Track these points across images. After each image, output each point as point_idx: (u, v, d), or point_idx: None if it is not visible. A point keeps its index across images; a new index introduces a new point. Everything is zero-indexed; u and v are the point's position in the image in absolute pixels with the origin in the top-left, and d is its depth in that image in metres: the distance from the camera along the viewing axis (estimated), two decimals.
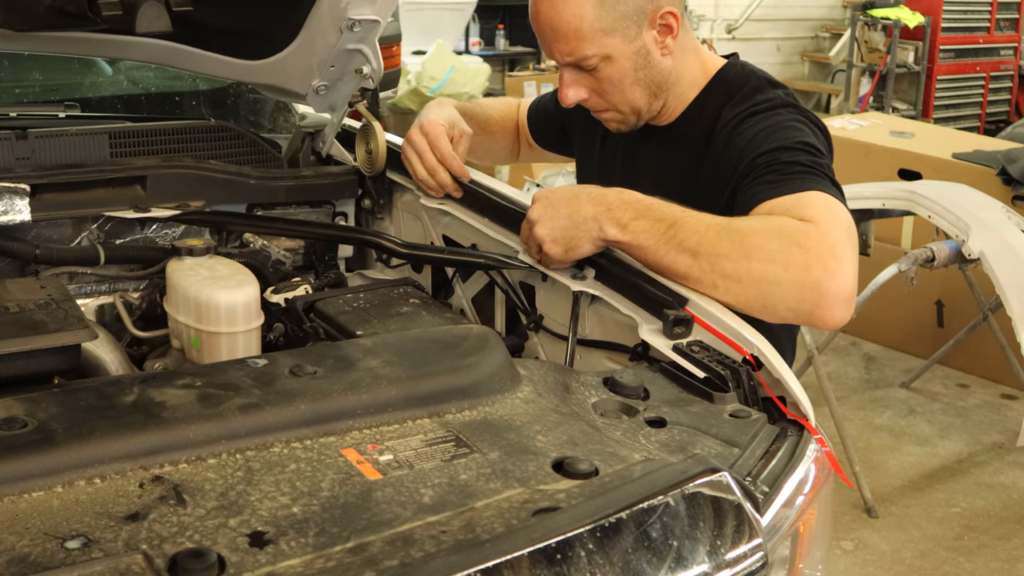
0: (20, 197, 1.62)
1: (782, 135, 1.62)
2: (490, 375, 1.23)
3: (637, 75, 1.70)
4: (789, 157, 1.56)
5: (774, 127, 1.64)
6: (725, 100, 1.74)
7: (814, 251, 1.37)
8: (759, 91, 1.73)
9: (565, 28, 1.65)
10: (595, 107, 1.77)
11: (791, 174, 1.53)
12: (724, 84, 1.77)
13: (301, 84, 1.90)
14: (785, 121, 1.66)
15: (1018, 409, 4.29)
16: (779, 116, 1.67)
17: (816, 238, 1.38)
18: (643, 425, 1.22)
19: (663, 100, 1.76)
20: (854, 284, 1.39)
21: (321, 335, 1.58)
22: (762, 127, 1.65)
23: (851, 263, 1.39)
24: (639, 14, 1.65)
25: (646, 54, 1.69)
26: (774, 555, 1.10)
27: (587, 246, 1.51)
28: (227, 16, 1.79)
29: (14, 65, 2.56)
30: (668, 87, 1.75)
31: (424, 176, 1.82)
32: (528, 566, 0.89)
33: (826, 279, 1.36)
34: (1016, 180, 4.33)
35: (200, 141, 1.97)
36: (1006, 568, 3.19)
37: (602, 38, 1.65)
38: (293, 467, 1.03)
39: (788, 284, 1.37)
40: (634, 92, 1.72)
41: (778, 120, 1.66)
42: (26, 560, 0.85)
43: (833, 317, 1.37)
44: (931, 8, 8.37)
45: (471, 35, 8.79)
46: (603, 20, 1.63)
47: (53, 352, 1.35)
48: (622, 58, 1.68)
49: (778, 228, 1.41)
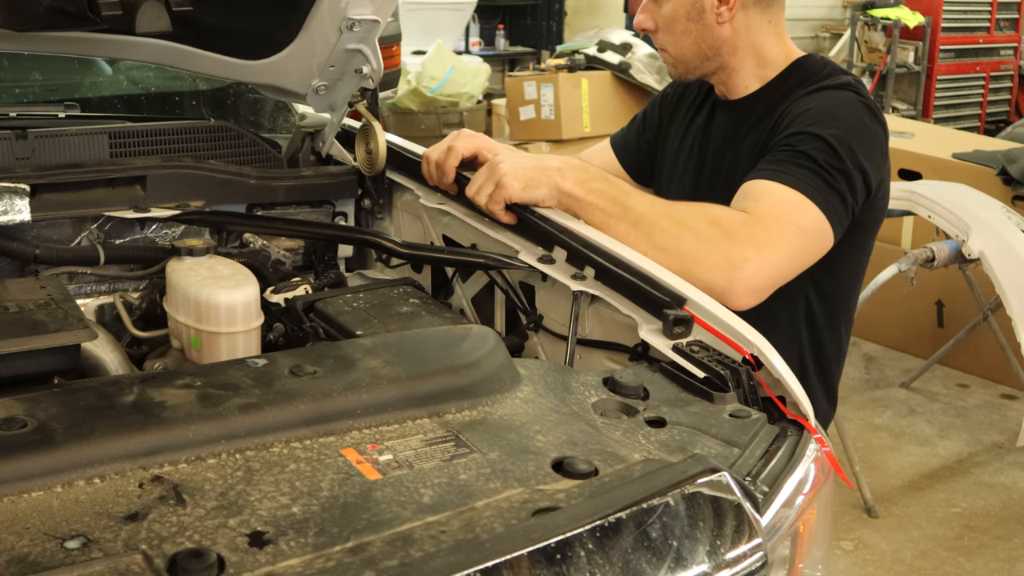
0: (20, 197, 1.62)
1: (829, 120, 1.68)
2: (490, 375, 1.23)
3: (688, 26, 1.83)
4: (810, 147, 1.65)
5: (830, 107, 1.72)
6: (800, 83, 1.82)
7: (730, 238, 1.53)
8: (834, 74, 1.82)
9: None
10: (657, 42, 1.91)
11: (794, 165, 1.63)
12: (802, 69, 1.85)
13: (301, 84, 1.90)
14: (844, 103, 1.73)
15: (1018, 409, 4.29)
16: (842, 97, 1.75)
17: (738, 226, 1.55)
18: (643, 425, 1.22)
19: (718, 64, 1.87)
20: (767, 277, 1.54)
21: (321, 335, 1.58)
22: (820, 103, 1.73)
23: (772, 258, 1.54)
24: None
25: (701, 11, 1.81)
26: (774, 555, 1.10)
27: (544, 190, 1.62)
28: (227, 16, 1.79)
29: (14, 65, 2.55)
30: (722, 56, 1.85)
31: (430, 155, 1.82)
32: (528, 566, 0.89)
33: (738, 269, 1.52)
34: (1016, 180, 4.33)
35: (200, 141, 1.97)
36: (1006, 568, 3.19)
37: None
38: (293, 467, 1.03)
39: (706, 265, 1.52)
40: (684, 41, 1.85)
41: (838, 100, 1.74)
42: (26, 560, 0.85)
43: (736, 303, 1.51)
44: (931, 8, 8.37)
45: (471, 35, 8.80)
46: None
47: (53, 352, 1.35)
48: (680, 2, 1.82)
49: (714, 216, 1.57)
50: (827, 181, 1.62)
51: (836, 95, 1.74)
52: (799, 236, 1.58)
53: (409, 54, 6.84)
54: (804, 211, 1.59)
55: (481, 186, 1.65)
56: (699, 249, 1.53)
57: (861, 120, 1.71)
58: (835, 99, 1.73)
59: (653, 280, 1.46)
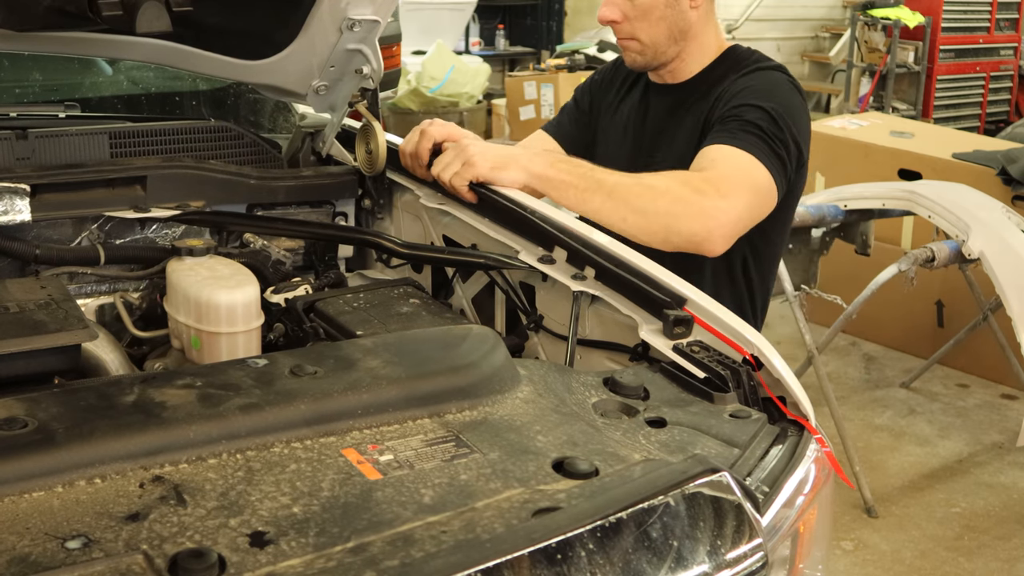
0: (20, 197, 1.62)
1: (765, 93, 1.86)
2: (490, 375, 1.23)
3: (665, 11, 1.94)
4: (755, 116, 1.81)
5: (767, 85, 1.89)
6: (732, 68, 1.98)
7: (700, 192, 1.69)
8: (762, 61, 2.00)
9: None
10: (621, 33, 2.00)
11: (742, 132, 1.80)
12: (734, 56, 2.03)
13: (301, 84, 1.90)
14: (778, 83, 1.91)
15: (1018, 409, 4.29)
16: (775, 76, 1.93)
17: (711, 186, 1.70)
18: (643, 425, 1.22)
19: (680, 49, 1.99)
20: (734, 224, 1.72)
21: (321, 335, 1.58)
22: (757, 81, 1.90)
23: (738, 208, 1.72)
24: None
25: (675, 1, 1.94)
26: (774, 555, 1.10)
27: (513, 172, 1.69)
28: (227, 16, 1.79)
29: (14, 65, 2.55)
30: (687, 39, 1.98)
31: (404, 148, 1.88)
32: (528, 566, 0.89)
33: (713, 219, 1.68)
34: (1016, 180, 4.33)
35: (200, 141, 1.97)
36: (1006, 568, 3.19)
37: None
38: (293, 467, 1.03)
39: (685, 219, 1.67)
40: (658, 28, 1.96)
41: (773, 79, 1.91)
42: (26, 560, 0.85)
43: (714, 249, 1.72)
44: (931, 8, 8.36)
45: (471, 35, 8.79)
46: None
47: (53, 352, 1.35)
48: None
49: (683, 178, 1.72)
50: (772, 147, 1.79)
51: (770, 75, 1.92)
52: (754, 192, 1.76)
53: (409, 54, 6.84)
54: (757, 171, 1.76)
55: (448, 164, 1.71)
56: (676, 206, 1.67)
57: (793, 99, 1.90)
58: (770, 79, 1.91)
59: (653, 280, 1.46)
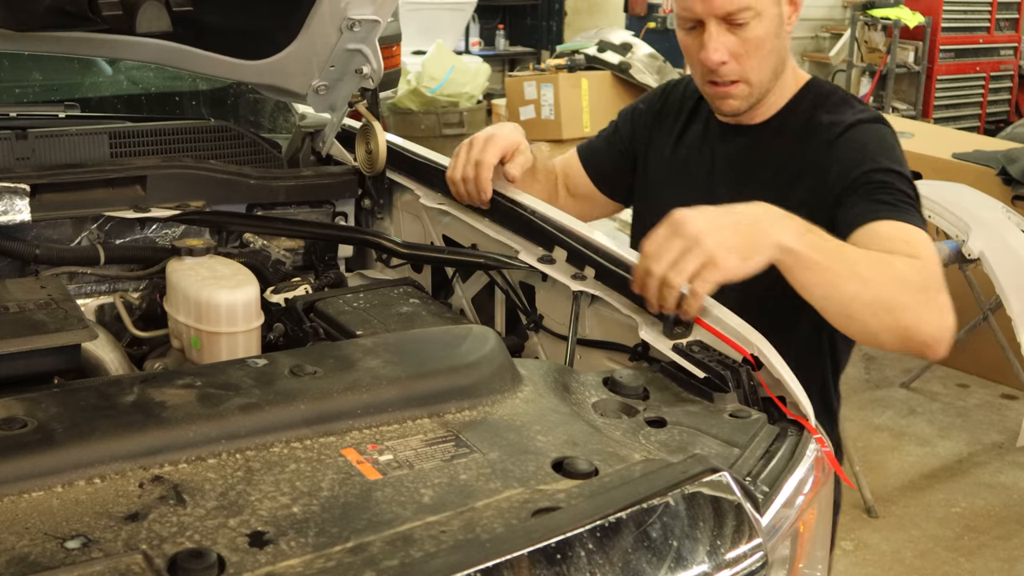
0: (20, 197, 1.62)
1: (893, 155, 1.68)
2: (490, 375, 1.23)
3: (775, 42, 1.74)
4: (902, 185, 1.62)
5: (883, 143, 1.70)
6: (816, 105, 1.78)
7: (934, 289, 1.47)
8: (848, 103, 1.79)
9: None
10: (727, 75, 1.73)
11: (902, 204, 1.59)
12: (814, 91, 1.82)
13: (301, 84, 1.90)
14: (889, 138, 1.72)
15: (1018, 409, 4.29)
16: (883, 131, 1.73)
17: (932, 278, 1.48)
18: (643, 425, 1.22)
19: (774, 85, 1.79)
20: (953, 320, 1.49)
21: (321, 335, 1.58)
22: (872, 139, 1.70)
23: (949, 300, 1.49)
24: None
25: (780, 23, 1.73)
26: (774, 555, 1.10)
27: (765, 252, 1.35)
28: (227, 16, 1.79)
29: (14, 65, 2.55)
30: (783, 69, 1.79)
31: (457, 178, 1.76)
32: (528, 566, 0.89)
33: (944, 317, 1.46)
34: (1016, 180, 4.33)
35: (200, 141, 1.97)
36: (1006, 568, 3.19)
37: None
38: (293, 467, 1.03)
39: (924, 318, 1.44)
40: (768, 61, 1.74)
41: (884, 135, 1.72)
42: (26, 560, 0.85)
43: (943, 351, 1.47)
44: (931, 8, 8.36)
45: (471, 35, 8.80)
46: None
47: (53, 352, 1.35)
48: (768, 19, 1.70)
49: (919, 267, 1.47)
50: (921, 216, 1.64)
51: (881, 130, 1.74)
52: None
53: (409, 54, 6.84)
54: (934, 250, 1.57)
55: (678, 263, 1.31)
56: (916, 302, 1.44)
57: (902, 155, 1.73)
58: (882, 134, 1.73)
59: None
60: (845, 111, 1.76)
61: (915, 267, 1.47)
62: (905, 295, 1.43)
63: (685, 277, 1.31)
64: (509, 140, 1.77)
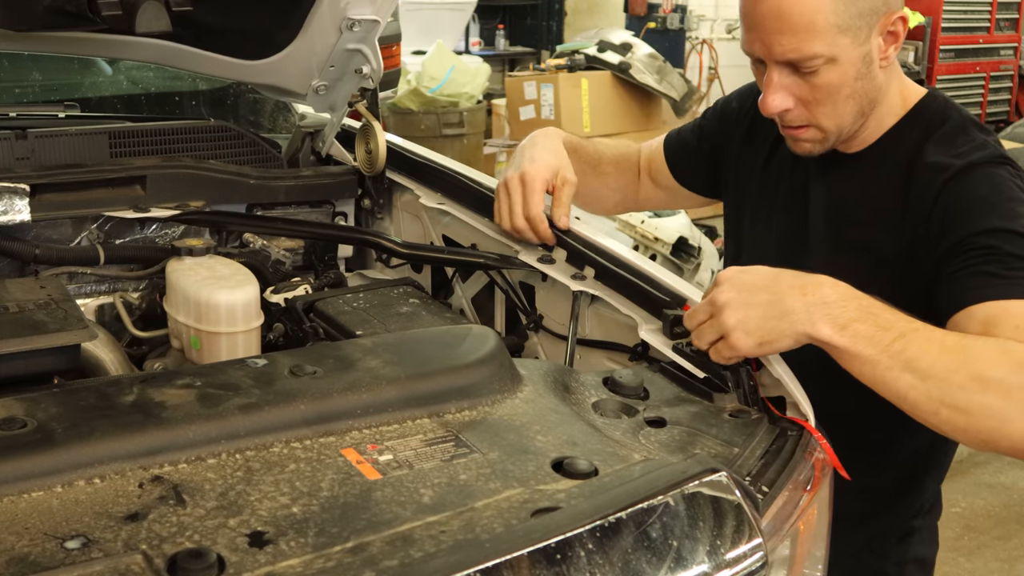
0: (20, 197, 1.62)
1: (1006, 209, 1.42)
2: (490, 375, 1.23)
3: (856, 85, 1.49)
4: (1017, 247, 1.37)
5: (996, 195, 1.44)
6: (925, 135, 1.54)
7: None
8: (965, 132, 1.53)
9: (798, 19, 1.42)
10: (793, 120, 1.54)
11: (1017, 274, 1.36)
12: (925, 116, 1.57)
13: (301, 84, 1.90)
14: (1007, 186, 1.46)
15: None
16: (1000, 177, 1.47)
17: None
18: (643, 425, 1.22)
19: (865, 120, 1.55)
20: None
21: (321, 335, 1.58)
22: (983, 191, 1.45)
23: None
24: (874, 14, 1.45)
25: (870, 62, 1.48)
26: (774, 555, 1.10)
27: (786, 341, 1.28)
28: (227, 16, 1.79)
29: (14, 65, 2.55)
30: (875, 105, 1.54)
31: (508, 229, 1.67)
32: (528, 566, 0.89)
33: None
34: None
35: (200, 141, 1.97)
36: (1006, 568, 3.19)
37: (835, 35, 1.43)
38: (293, 467, 1.03)
39: (1018, 426, 1.22)
40: (847, 105, 1.51)
41: (1000, 183, 1.46)
42: (26, 560, 0.85)
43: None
44: (931, 8, 8.37)
45: (471, 35, 8.79)
46: (840, 15, 1.42)
47: (53, 352, 1.35)
48: (847, 63, 1.46)
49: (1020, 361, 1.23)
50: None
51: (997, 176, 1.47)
52: None
53: (409, 54, 6.83)
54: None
55: (702, 329, 1.33)
56: (1010, 405, 1.22)
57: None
58: (998, 181, 1.47)
59: (653, 280, 1.46)
60: (958, 145, 1.51)
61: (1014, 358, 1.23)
62: (986, 394, 1.22)
63: (704, 345, 1.31)
64: (543, 177, 1.64)
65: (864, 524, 1.68)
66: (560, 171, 1.66)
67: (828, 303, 1.27)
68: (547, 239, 1.63)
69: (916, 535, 1.76)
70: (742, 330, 1.27)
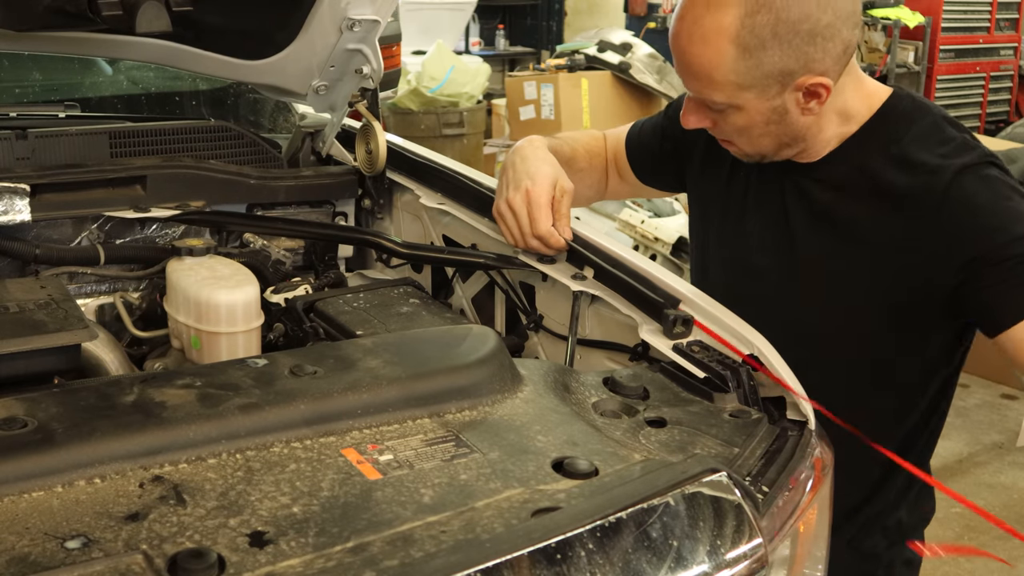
0: (20, 197, 1.62)
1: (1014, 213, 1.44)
2: (490, 375, 1.23)
3: (767, 128, 1.52)
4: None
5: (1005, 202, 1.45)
6: (900, 132, 1.53)
7: None
8: (942, 130, 1.53)
9: (697, 69, 1.47)
10: (717, 135, 1.60)
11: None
12: (892, 116, 1.56)
13: (301, 84, 1.90)
14: (1007, 189, 1.47)
15: (1018, 409, 4.29)
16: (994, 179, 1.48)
17: None
18: (643, 425, 1.22)
19: (798, 148, 1.57)
20: None
21: (321, 335, 1.58)
22: (983, 198, 1.45)
23: None
24: (785, 76, 1.44)
25: (783, 113, 1.50)
26: (774, 555, 1.10)
27: None
28: (227, 16, 1.79)
29: (14, 65, 2.55)
30: (805, 139, 1.55)
31: (521, 248, 1.65)
32: (528, 566, 0.89)
33: None
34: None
35: (200, 141, 1.97)
36: (1006, 568, 3.19)
37: (735, 90, 1.46)
38: (293, 467, 1.03)
39: None
40: (762, 140, 1.54)
41: (1000, 187, 1.47)
42: (26, 560, 0.85)
43: None
44: (931, 8, 8.37)
45: (471, 35, 8.80)
46: (741, 75, 1.44)
47: (53, 352, 1.35)
48: (754, 112, 1.49)
49: None
50: None
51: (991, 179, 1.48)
52: None
53: (409, 54, 6.83)
54: None
55: None
56: None
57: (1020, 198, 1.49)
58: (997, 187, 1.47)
59: (652, 280, 1.46)
60: (943, 143, 1.50)
61: None
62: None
63: None
64: (547, 194, 1.61)
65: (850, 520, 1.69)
66: (559, 182, 1.65)
67: None
68: (560, 249, 1.61)
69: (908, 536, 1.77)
70: None
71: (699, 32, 1.44)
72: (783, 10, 1.40)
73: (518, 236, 1.62)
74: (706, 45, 1.44)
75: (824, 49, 1.43)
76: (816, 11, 1.40)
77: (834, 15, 1.42)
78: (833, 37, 1.43)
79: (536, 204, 1.60)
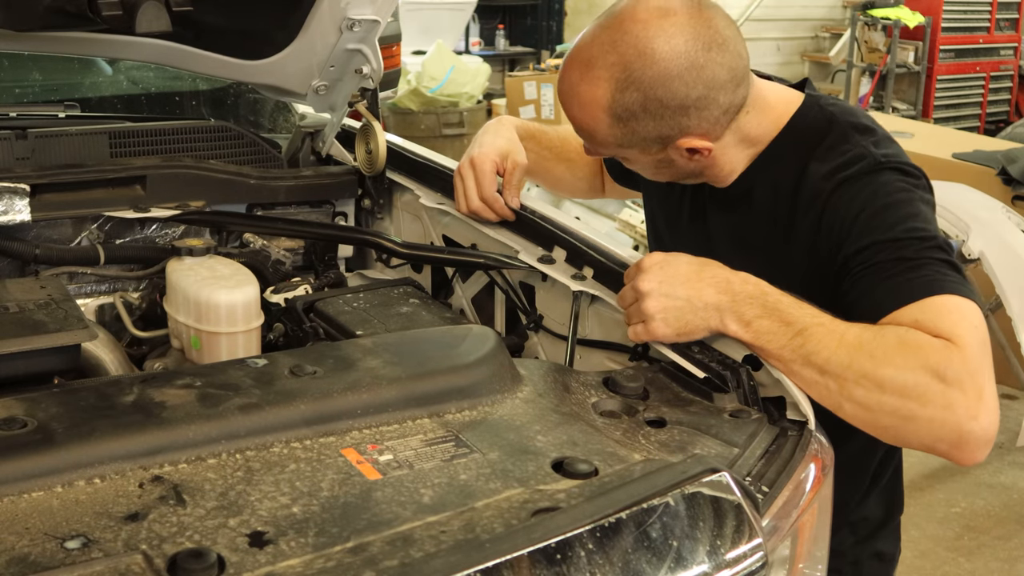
0: (20, 197, 1.62)
1: (891, 215, 1.41)
2: (490, 375, 1.23)
3: (660, 169, 1.54)
4: (910, 252, 1.36)
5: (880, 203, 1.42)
6: (809, 148, 1.50)
7: (955, 385, 1.21)
8: (847, 139, 1.49)
9: (579, 126, 1.50)
10: None
11: (914, 271, 1.34)
12: (801, 128, 1.52)
13: (301, 84, 1.91)
14: (890, 191, 1.44)
15: (1018, 409, 4.29)
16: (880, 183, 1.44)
17: (957, 366, 1.22)
18: (643, 425, 1.22)
19: (704, 178, 1.57)
20: (996, 420, 1.24)
21: (321, 335, 1.58)
22: (864, 201, 1.43)
23: (993, 397, 1.25)
24: (663, 140, 1.45)
25: (670, 162, 1.50)
26: (774, 555, 1.10)
27: (702, 333, 1.35)
28: (227, 16, 1.79)
29: (14, 65, 2.55)
30: (703, 174, 1.55)
31: (466, 212, 1.75)
32: (528, 566, 0.89)
33: (967, 420, 1.21)
34: (1016, 180, 4.33)
35: (200, 141, 1.97)
36: (1006, 568, 3.19)
37: (617, 148, 1.49)
38: (293, 467, 1.03)
39: (924, 421, 1.21)
40: (660, 176, 1.58)
41: (881, 189, 1.44)
42: (26, 560, 0.85)
43: (972, 458, 1.24)
44: (931, 8, 8.38)
45: (471, 35, 8.79)
46: (619, 139, 1.46)
47: (53, 352, 1.35)
48: (641, 161, 1.52)
49: (916, 356, 1.22)
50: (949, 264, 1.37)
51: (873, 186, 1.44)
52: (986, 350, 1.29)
53: (409, 54, 6.83)
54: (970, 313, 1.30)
55: (629, 312, 1.39)
56: (910, 406, 1.22)
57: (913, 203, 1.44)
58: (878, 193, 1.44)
59: None
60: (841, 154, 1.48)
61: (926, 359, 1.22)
62: (884, 398, 1.22)
63: (631, 325, 1.38)
64: (491, 160, 1.72)
65: None
66: (510, 155, 1.75)
67: (738, 300, 1.33)
68: (505, 216, 1.72)
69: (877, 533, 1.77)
70: (662, 320, 1.35)
71: (576, 99, 1.46)
72: (650, 89, 1.39)
73: (462, 200, 1.75)
74: (583, 111, 1.46)
75: (700, 116, 1.43)
76: (684, 88, 1.39)
77: (706, 87, 1.40)
78: (708, 106, 1.42)
79: (480, 169, 1.72)
